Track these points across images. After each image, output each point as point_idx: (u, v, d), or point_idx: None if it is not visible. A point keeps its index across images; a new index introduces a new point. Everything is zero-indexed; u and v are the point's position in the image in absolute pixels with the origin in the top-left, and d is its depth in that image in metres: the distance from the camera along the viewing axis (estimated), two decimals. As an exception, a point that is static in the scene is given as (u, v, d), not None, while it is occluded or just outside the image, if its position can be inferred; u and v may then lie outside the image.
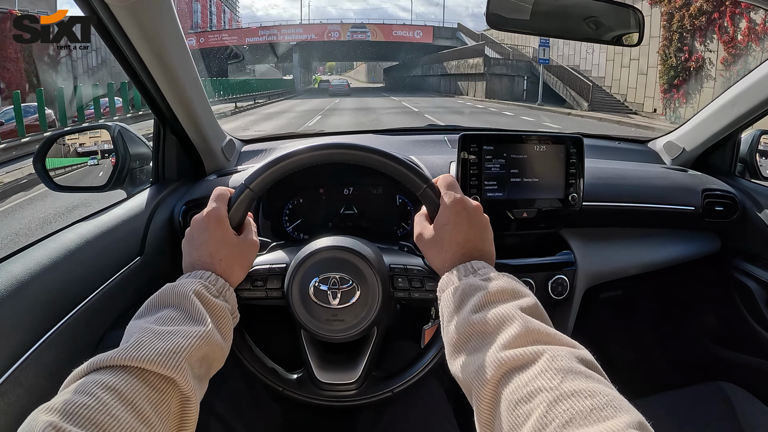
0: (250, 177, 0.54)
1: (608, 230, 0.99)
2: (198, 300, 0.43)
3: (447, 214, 0.49)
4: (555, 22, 0.90)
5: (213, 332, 0.42)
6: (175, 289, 0.44)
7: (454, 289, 0.44)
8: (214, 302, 0.45)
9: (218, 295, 0.46)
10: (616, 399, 0.31)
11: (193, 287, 0.44)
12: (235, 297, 0.49)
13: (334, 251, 0.56)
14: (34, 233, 3.45)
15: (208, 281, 0.46)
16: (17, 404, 0.51)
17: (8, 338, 0.51)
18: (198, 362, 0.40)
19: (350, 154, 0.54)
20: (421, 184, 0.53)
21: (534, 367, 0.34)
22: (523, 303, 0.41)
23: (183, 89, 0.74)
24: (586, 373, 0.33)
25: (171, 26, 0.66)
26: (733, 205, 0.99)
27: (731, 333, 1.10)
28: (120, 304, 0.70)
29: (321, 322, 0.55)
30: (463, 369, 0.39)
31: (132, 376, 0.35)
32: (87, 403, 0.32)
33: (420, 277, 0.56)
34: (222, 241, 0.49)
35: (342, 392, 0.57)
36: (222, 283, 0.47)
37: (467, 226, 0.48)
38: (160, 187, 0.85)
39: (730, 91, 0.99)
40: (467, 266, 0.46)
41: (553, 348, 0.35)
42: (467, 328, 0.40)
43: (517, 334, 0.37)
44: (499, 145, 0.82)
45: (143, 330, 0.39)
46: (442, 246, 0.48)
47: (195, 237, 0.50)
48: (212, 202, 0.52)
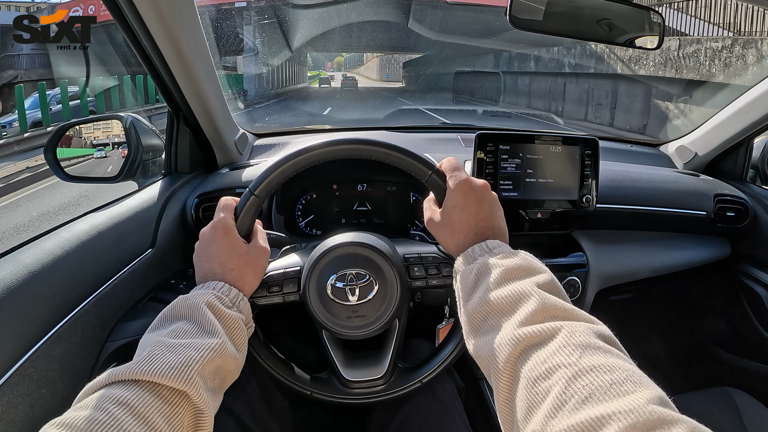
0: (254, 183, 0.53)
1: (620, 233, 0.99)
2: (210, 312, 0.43)
3: (455, 196, 0.48)
4: (569, 23, 0.90)
5: (226, 344, 0.42)
6: (187, 301, 0.43)
7: (470, 269, 0.43)
8: (227, 313, 0.44)
9: (231, 305, 0.46)
10: (636, 374, 0.30)
11: (205, 299, 0.44)
12: (249, 307, 0.48)
13: (347, 247, 0.55)
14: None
15: (221, 292, 0.46)
16: (27, 396, 0.50)
17: (19, 329, 0.51)
18: (211, 375, 0.39)
19: (352, 148, 0.54)
20: (427, 171, 0.52)
21: (552, 344, 0.33)
22: (540, 279, 0.40)
23: (199, 81, 0.74)
24: (605, 348, 0.33)
25: (190, 16, 0.65)
26: (745, 211, 0.98)
27: (739, 339, 1.10)
28: (131, 296, 0.69)
29: (341, 320, 0.54)
30: (481, 348, 0.38)
31: (144, 390, 0.35)
32: (99, 418, 0.31)
33: (436, 264, 0.56)
34: (231, 250, 0.48)
35: (371, 388, 0.57)
36: (235, 293, 0.47)
37: (476, 205, 0.48)
38: (173, 179, 0.84)
39: (744, 96, 0.98)
40: (482, 246, 0.45)
41: (571, 324, 0.35)
42: (484, 306, 0.40)
43: (534, 311, 0.36)
44: (515, 145, 0.82)
45: (156, 343, 0.39)
46: (454, 228, 0.48)
47: (204, 249, 0.50)
48: (218, 212, 0.51)
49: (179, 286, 0.77)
